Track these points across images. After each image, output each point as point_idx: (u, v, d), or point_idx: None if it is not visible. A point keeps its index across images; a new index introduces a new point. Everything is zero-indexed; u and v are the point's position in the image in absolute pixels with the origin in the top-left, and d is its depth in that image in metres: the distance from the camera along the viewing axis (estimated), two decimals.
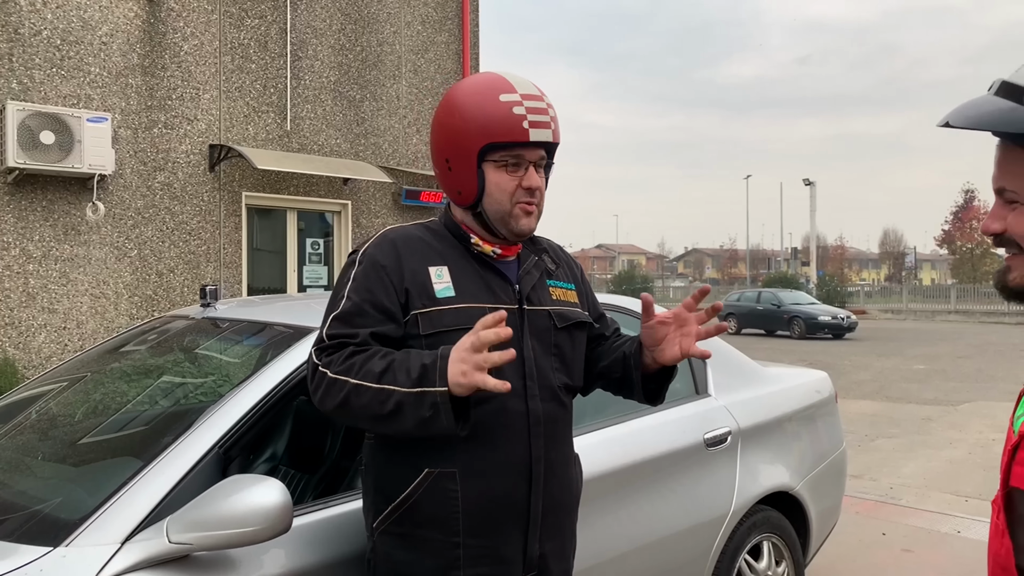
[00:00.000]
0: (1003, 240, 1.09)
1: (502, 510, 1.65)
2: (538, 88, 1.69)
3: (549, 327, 1.74)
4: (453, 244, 1.73)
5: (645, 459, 2.66)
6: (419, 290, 1.64)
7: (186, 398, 2.25)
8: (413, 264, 1.66)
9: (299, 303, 2.90)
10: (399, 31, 9.95)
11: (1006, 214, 1.08)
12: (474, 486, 1.62)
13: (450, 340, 1.57)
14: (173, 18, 8.16)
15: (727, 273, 74.88)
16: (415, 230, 1.75)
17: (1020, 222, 1.06)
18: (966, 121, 1.04)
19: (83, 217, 7.55)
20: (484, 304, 1.65)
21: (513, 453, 1.66)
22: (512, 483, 1.66)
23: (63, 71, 7.48)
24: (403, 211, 9.94)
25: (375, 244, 1.70)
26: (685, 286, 59.88)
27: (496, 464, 1.64)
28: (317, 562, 1.81)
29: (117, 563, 1.58)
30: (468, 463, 1.62)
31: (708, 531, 2.83)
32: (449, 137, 1.68)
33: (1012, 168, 1.06)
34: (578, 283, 1.90)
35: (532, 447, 1.67)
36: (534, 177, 1.66)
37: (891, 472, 6.53)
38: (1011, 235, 1.08)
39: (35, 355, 7.29)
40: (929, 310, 34.52)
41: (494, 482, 1.64)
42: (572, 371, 1.80)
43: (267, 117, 8.80)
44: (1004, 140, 1.06)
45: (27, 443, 2.26)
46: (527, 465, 1.67)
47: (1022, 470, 1.01)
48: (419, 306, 1.63)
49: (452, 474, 1.61)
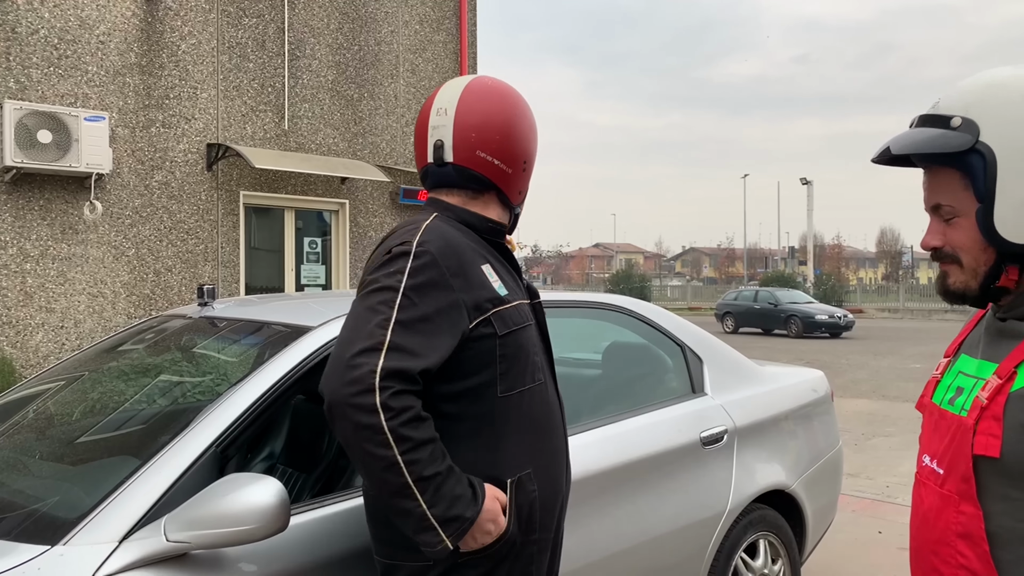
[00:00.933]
0: (940, 253, 1.28)
1: (558, 497, 1.76)
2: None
3: (543, 322, 1.87)
4: (481, 242, 1.74)
5: (641, 458, 2.67)
6: (484, 289, 1.62)
7: (183, 397, 2.26)
8: (470, 264, 1.63)
9: (297, 302, 2.91)
10: (397, 30, 9.95)
11: (944, 230, 1.26)
12: (545, 480, 1.69)
13: (516, 338, 1.65)
14: (171, 17, 8.15)
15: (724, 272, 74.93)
16: (459, 235, 1.67)
17: (956, 235, 1.24)
18: (905, 149, 1.22)
19: (80, 216, 7.55)
20: (521, 301, 1.73)
21: (560, 441, 1.78)
22: (562, 471, 1.78)
23: (60, 70, 7.48)
24: (401, 210, 9.94)
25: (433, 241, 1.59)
26: (682, 285, 59.87)
27: (554, 455, 1.74)
28: (314, 560, 1.81)
29: (115, 561, 1.58)
30: (538, 461, 1.69)
31: (704, 529, 2.84)
32: (531, 140, 1.80)
33: (945, 187, 1.24)
34: None
35: (565, 434, 1.81)
36: None
37: (887, 471, 6.55)
38: (948, 248, 1.26)
39: (32, 354, 7.29)
40: (926, 309, 34.57)
41: (555, 472, 1.74)
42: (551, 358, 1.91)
43: (265, 116, 8.79)
44: (934, 163, 1.25)
45: (25, 442, 2.26)
46: (565, 451, 1.80)
47: (985, 439, 1.16)
48: (490, 307, 1.62)
49: (529, 475, 1.66)
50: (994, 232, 1.20)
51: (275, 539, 1.68)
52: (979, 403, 1.19)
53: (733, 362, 3.34)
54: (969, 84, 1.25)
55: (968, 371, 1.30)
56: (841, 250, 74.18)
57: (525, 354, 1.68)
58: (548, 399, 1.74)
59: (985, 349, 1.29)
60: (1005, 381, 1.18)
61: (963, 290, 1.27)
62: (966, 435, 1.20)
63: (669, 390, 3.06)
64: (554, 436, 1.75)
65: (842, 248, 75.16)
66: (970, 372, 1.29)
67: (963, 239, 1.24)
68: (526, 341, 1.69)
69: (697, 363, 3.14)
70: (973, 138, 1.19)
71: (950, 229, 1.25)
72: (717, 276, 75.10)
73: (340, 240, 9.47)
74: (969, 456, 1.19)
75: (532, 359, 1.70)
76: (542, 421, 1.71)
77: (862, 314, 32.93)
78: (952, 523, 1.23)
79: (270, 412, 1.99)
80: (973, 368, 1.28)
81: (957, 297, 1.28)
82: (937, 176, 1.26)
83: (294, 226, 9.27)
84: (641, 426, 2.74)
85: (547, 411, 1.73)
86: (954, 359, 1.38)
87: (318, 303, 2.62)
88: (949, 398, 1.29)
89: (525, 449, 1.66)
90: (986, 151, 1.18)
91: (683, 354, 3.14)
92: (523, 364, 1.67)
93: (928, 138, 1.22)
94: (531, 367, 1.69)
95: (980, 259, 1.24)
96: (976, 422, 1.18)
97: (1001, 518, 1.17)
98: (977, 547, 1.19)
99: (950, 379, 1.33)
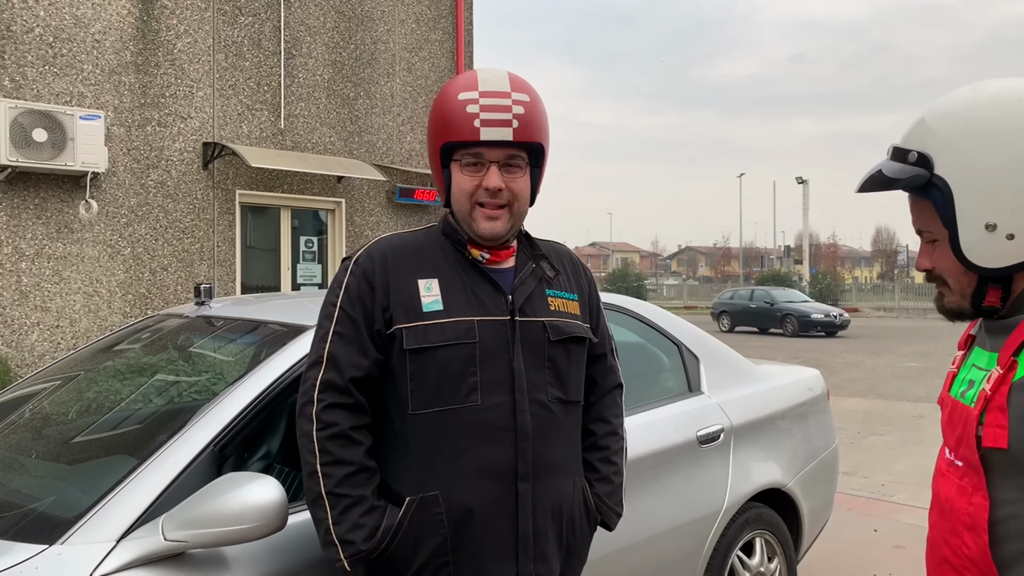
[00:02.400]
0: (932, 275, 1.33)
1: (490, 532, 1.59)
2: (517, 86, 1.63)
3: (543, 339, 1.67)
4: (448, 252, 1.69)
5: (638, 456, 2.67)
6: (406, 304, 1.63)
7: (181, 396, 2.26)
8: (402, 277, 1.65)
9: (293, 301, 2.90)
10: (393, 29, 9.94)
11: (931, 252, 1.32)
12: (458, 508, 1.58)
13: (434, 357, 1.58)
14: (166, 16, 8.14)
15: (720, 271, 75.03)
16: (410, 238, 1.73)
17: (940, 259, 1.30)
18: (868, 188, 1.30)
19: (76, 215, 7.53)
20: (473, 318, 1.62)
21: (498, 470, 1.59)
22: (497, 501, 1.59)
23: (56, 68, 7.46)
24: (397, 209, 9.94)
25: (367, 254, 1.69)
26: (679, 284, 59.91)
27: (481, 483, 1.58)
28: (312, 559, 1.81)
29: (112, 560, 1.58)
30: (452, 485, 1.58)
31: (701, 528, 2.84)
32: (427, 137, 1.70)
33: (923, 214, 1.30)
34: (583, 293, 1.82)
35: (519, 463, 1.60)
36: (493, 177, 1.61)
37: (883, 469, 6.56)
38: (938, 271, 1.31)
39: (28, 353, 7.27)
40: (921, 308, 34.61)
41: (479, 503, 1.58)
42: (568, 385, 1.71)
43: (261, 115, 8.78)
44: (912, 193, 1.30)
45: (21, 442, 2.26)
46: (512, 482, 1.60)
47: (993, 431, 1.18)
48: (404, 320, 1.61)
49: (435, 498, 1.58)
50: (964, 259, 1.24)
51: (273, 538, 1.68)
52: (984, 394, 1.21)
53: (729, 361, 3.35)
54: (929, 114, 1.29)
55: (979, 364, 1.31)
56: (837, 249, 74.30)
57: (450, 373, 1.59)
58: (489, 423, 1.59)
59: (991, 342, 1.30)
60: (1006, 371, 1.19)
61: (957, 308, 1.32)
62: (971, 426, 1.22)
63: (666, 389, 3.07)
64: (489, 465, 1.59)
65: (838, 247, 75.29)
66: (981, 365, 1.31)
67: (946, 263, 1.29)
68: (454, 359, 1.59)
69: (694, 362, 3.15)
70: (928, 172, 1.24)
71: (936, 252, 1.31)
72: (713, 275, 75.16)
73: (336, 239, 9.46)
74: (975, 447, 1.20)
75: (468, 379, 1.59)
76: (469, 446, 1.58)
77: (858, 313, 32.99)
78: (962, 514, 1.25)
79: (268, 411, 1.99)
80: (984, 361, 1.30)
81: (955, 315, 1.33)
82: (916, 203, 1.31)
83: (290, 225, 9.26)
84: (638, 425, 2.75)
85: (484, 437, 1.59)
86: (968, 352, 1.39)
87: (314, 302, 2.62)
88: (962, 391, 1.31)
89: (439, 471, 1.58)
90: (941, 184, 1.22)
91: (680, 353, 3.15)
92: (444, 383, 1.59)
93: (889, 173, 1.28)
94: (464, 387, 1.59)
95: (963, 281, 1.28)
96: (982, 413, 1.20)
97: (1012, 507, 1.18)
98: (979, 538, 1.20)
99: (964, 372, 1.35)
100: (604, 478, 1.79)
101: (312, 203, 9.32)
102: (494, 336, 1.62)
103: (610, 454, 1.82)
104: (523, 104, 1.61)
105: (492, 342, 1.61)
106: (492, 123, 1.58)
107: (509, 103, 1.60)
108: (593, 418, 1.84)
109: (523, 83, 1.65)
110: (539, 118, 1.64)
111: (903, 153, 1.28)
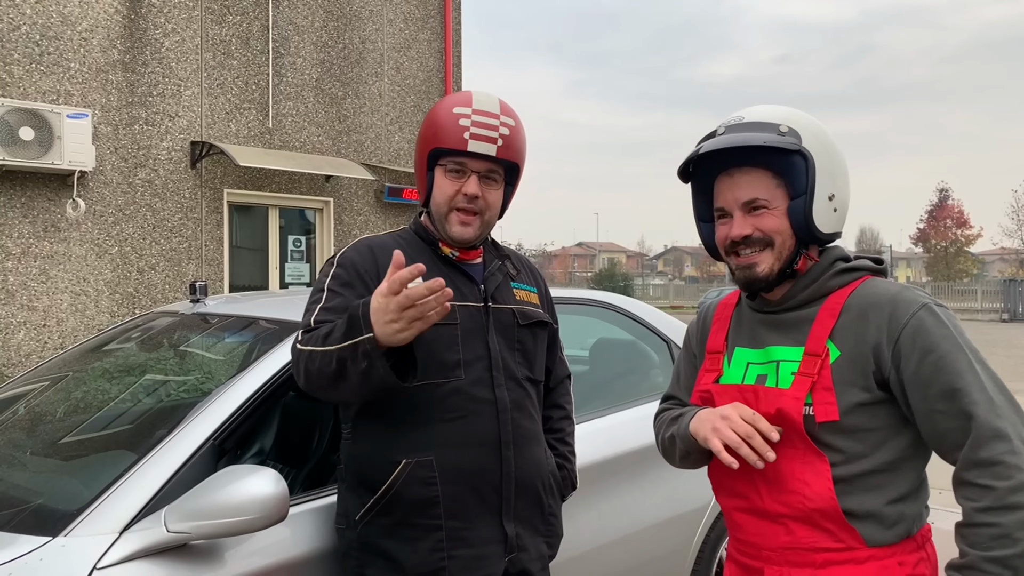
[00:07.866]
0: (749, 240, 1.46)
1: (477, 493, 1.77)
2: (505, 111, 1.82)
3: (512, 324, 1.89)
4: (422, 249, 1.86)
5: (627, 452, 2.71)
6: None
7: (180, 392, 2.28)
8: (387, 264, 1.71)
9: (287, 299, 2.93)
10: (381, 28, 9.96)
11: (752, 220, 1.46)
12: (450, 471, 1.74)
13: (421, 336, 1.65)
14: (154, 14, 8.12)
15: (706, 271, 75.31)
16: (387, 238, 1.90)
17: (767, 222, 1.46)
18: (745, 141, 1.43)
19: (63, 214, 7.50)
20: (453, 302, 1.73)
21: (484, 438, 1.78)
22: (484, 466, 1.78)
23: (42, 66, 7.43)
24: (385, 208, 9.95)
25: (353, 248, 1.85)
26: (665, 284, 60.09)
27: (468, 449, 1.76)
28: (313, 550, 1.85)
29: (116, 552, 1.61)
30: (443, 450, 1.74)
31: (690, 522, 2.89)
32: (417, 141, 1.87)
33: (759, 184, 1.46)
34: (540, 289, 2.07)
35: (501, 432, 1.79)
36: (472, 185, 1.79)
37: None
38: (759, 234, 1.46)
39: (14, 353, 7.24)
40: None
41: (467, 466, 1.76)
42: (534, 365, 1.94)
43: (249, 114, 8.77)
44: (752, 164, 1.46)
45: (22, 438, 2.27)
46: (497, 448, 1.79)
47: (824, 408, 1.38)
48: None
49: (429, 462, 1.72)
50: (811, 222, 1.43)
51: (274, 529, 1.71)
52: (806, 379, 1.40)
53: None
54: (768, 108, 1.50)
55: (758, 360, 1.50)
56: None
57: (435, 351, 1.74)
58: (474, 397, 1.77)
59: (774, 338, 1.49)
60: (824, 357, 1.40)
61: (767, 275, 1.47)
62: (794, 404, 1.40)
63: (655, 385, 3.11)
64: (476, 434, 1.76)
65: None
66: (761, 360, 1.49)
67: (775, 224, 1.45)
68: (439, 337, 1.74)
69: None
70: (799, 142, 1.43)
71: (758, 219, 1.46)
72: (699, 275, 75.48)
73: (324, 238, 9.46)
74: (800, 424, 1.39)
75: (452, 356, 1.76)
76: (459, 417, 1.75)
77: None
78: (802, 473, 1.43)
79: (266, 406, 2.02)
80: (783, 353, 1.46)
81: (760, 283, 1.48)
82: (750, 175, 1.47)
83: (278, 224, 9.25)
84: (627, 420, 2.79)
85: (471, 409, 1.76)
86: (728, 354, 1.57)
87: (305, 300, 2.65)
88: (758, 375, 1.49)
89: (429, 438, 1.73)
90: (808, 154, 1.43)
91: (669, 349, 3.20)
92: (431, 359, 1.72)
93: (768, 136, 1.43)
94: (450, 363, 1.76)
95: (787, 243, 1.46)
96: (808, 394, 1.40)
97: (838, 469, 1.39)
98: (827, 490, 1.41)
99: (739, 369, 1.53)
100: (562, 455, 2.04)
101: (300, 202, 9.32)
102: (471, 319, 1.81)
103: (565, 435, 2.08)
104: (509, 127, 1.82)
105: (470, 324, 1.81)
106: (480, 138, 1.78)
107: (497, 123, 1.80)
108: (550, 404, 2.08)
109: (511, 110, 1.85)
110: (520, 142, 1.85)
111: (770, 126, 1.45)
